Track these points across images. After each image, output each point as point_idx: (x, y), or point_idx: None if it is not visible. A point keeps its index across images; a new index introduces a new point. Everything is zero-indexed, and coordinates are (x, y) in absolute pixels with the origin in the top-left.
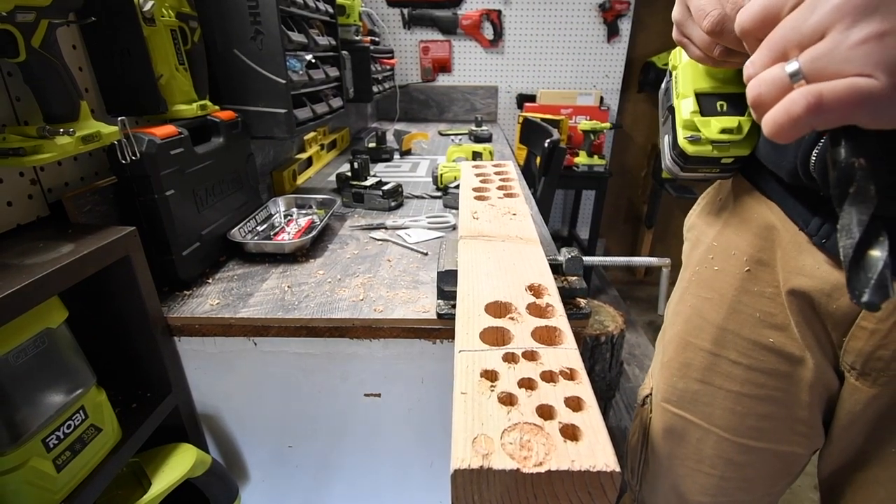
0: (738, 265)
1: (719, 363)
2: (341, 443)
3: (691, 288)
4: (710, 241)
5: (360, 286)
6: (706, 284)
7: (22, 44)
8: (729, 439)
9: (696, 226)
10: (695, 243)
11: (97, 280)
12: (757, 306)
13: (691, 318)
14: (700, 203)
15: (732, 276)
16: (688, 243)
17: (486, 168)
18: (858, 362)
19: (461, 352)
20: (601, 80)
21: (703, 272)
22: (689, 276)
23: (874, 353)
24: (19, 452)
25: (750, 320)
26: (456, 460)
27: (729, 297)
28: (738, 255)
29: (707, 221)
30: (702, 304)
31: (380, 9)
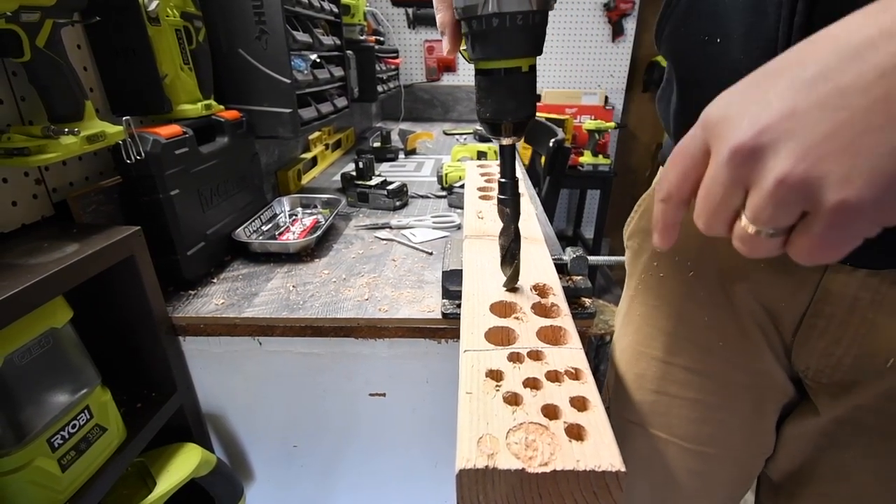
0: (682, 270)
1: (672, 371)
2: (346, 442)
3: (638, 297)
4: (653, 247)
5: (365, 286)
6: (653, 292)
7: (27, 43)
8: (689, 448)
9: (637, 233)
10: (637, 251)
11: (102, 280)
12: (704, 312)
13: (641, 327)
14: (638, 210)
15: (678, 282)
16: (629, 251)
17: (490, 168)
18: (812, 360)
19: (466, 351)
20: (606, 79)
21: (649, 280)
22: (636, 284)
23: (826, 349)
24: (24, 452)
25: (699, 326)
26: (461, 460)
27: (676, 304)
28: (680, 260)
29: (648, 228)
30: (650, 313)
31: (385, 8)
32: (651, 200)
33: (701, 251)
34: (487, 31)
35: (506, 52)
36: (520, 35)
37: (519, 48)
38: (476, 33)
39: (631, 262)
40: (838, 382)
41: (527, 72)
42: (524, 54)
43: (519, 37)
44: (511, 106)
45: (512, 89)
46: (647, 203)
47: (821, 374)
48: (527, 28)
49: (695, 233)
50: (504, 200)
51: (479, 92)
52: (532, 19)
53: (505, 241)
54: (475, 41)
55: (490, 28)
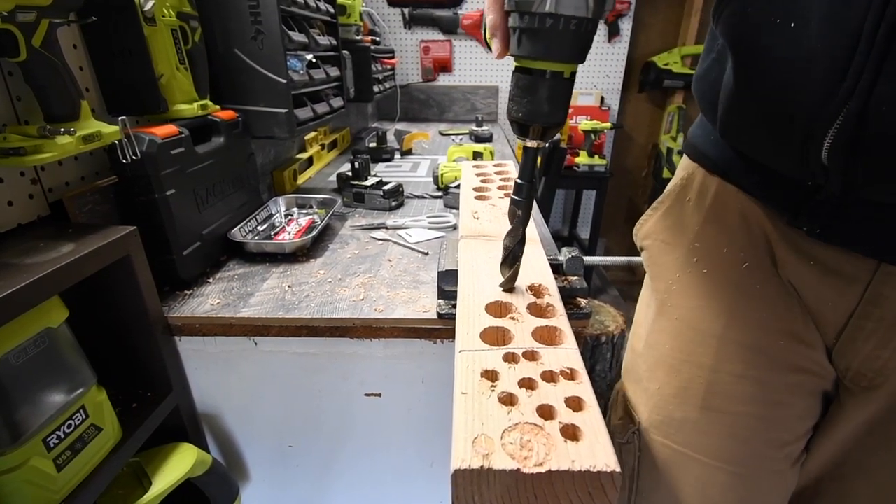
0: (734, 262)
1: (720, 381)
2: (342, 442)
3: (672, 299)
4: (690, 242)
5: (360, 286)
6: (694, 292)
7: (23, 43)
8: (737, 473)
9: (659, 231)
10: (664, 249)
11: (98, 279)
12: (762, 307)
13: (682, 332)
14: (658, 209)
15: (728, 276)
16: (650, 251)
17: (486, 168)
18: (855, 363)
19: (462, 352)
20: (602, 80)
21: (687, 278)
22: (666, 286)
23: (872, 352)
24: (20, 452)
25: (755, 325)
26: (456, 460)
27: (727, 302)
28: (730, 250)
29: (677, 224)
30: (692, 315)
31: (380, 9)
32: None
33: (751, 241)
34: (539, 29)
35: (553, 54)
36: (570, 39)
37: (566, 53)
38: (526, 29)
39: (657, 262)
40: (878, 386)
41: (568, 78)
42: (571, 59)
43: (569, 41)
44: (545, 109)
45: (551, 93)
46: (671, 200)
47: (861, 377)
48: (578, 34)
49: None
50: (518, 202)
51: (516, 90)
52: (585, 26)
53: (510, 243)
54: (523, 36)
55: (542, 27)
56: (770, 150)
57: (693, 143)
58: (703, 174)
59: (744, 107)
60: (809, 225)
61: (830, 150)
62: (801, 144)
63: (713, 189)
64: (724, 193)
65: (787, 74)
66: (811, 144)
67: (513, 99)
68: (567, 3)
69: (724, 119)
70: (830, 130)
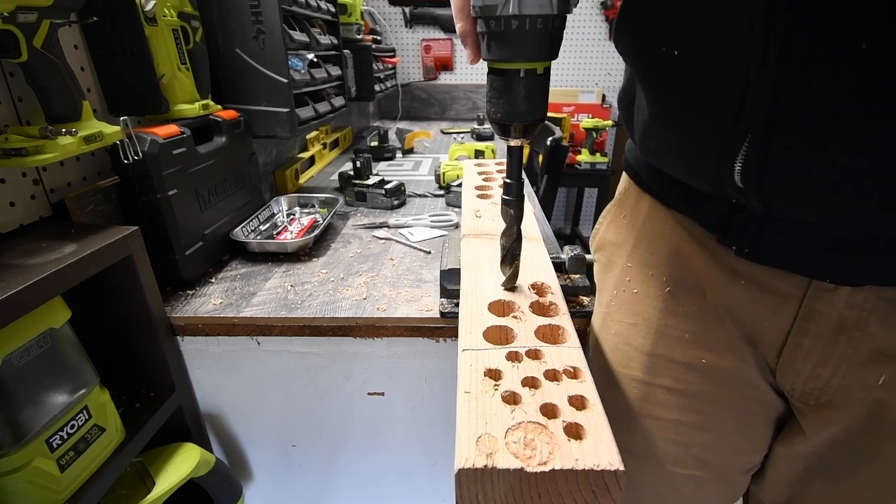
0: (658, 286)
1: (654, 392)
2: (345, 442)
3: (612, 314)
4: (624, 262)
5: (363, 285)
6: (627, 309)
7: (24, 44)
8: (675, 472)
9: (605, 245)
10: (607, 265)
11: (100, 280)
12: (685, 327)
13: (618, 346)
14: (603, 221)
15: (654, 297)
16: (598, 264)
17: (488, 166)
18: (798, 382)
19: (465, 350)
20: (603, 77)
21: (622, 296)
22: (608, 300)
23: (813, 371)
24: (23, 453)
25: (680, 343)
26: (460, 459)
27: (654, 321)
28: (655, 275)
29: (616, 241)
30: (627, 331)
31: (381, 7)
32: (616, 210)
33: (675, 266)
34: (506, 32)
35: (522, 55)
36: (538, 38)
37: (536, 51)
38: (493, 33)
39: (601, 276)
40: (826, 404)
41: (541, 74)
42: (540, 57)
43: (537, 40)
44: (523, 107)
45: (525, 91)
46: (612, 213)
47: (808, 396)
48: (545, 31)
49: (668, 249)
50: (508, 201)
51: (492, 92)
52: (552, 23)
53: (506, 242)
54: (491, 41)
55: (508, 29)
56: (688, 174)
57: (627, 159)
58: (637, 191)
59: (657, 132)
60: (738, 244)
61: (742, 173)
62: (713, 168)
63: (645, 208)
64: (654, 213)
65: (689, 103)
66: (723, 168)
67: (490, 101)
68: (530, 2)
69: (641, 143)
70: (739, 155)
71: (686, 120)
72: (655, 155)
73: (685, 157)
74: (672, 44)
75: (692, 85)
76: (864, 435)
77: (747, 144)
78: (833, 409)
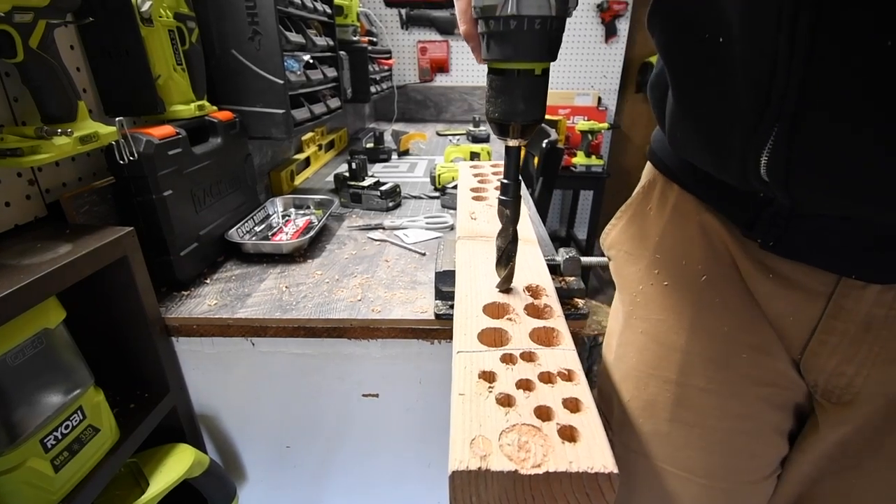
0: (693, 275)
1: (688, 394)
2: (339, 443)
3: (637, 311)
4: (651, 253)
5: (357, 286)
6: (656, 304)
7: (20, 44)
8: (710, 486)
9: (623, 241)
10: (627, 259)
11: (95, 280)
12: (723, 320)
13: (647, 345)
14: (622, 217)
15: (687, 289)
16: (616, 261)
17: (483, 168)
18: (821, 378)
19: (459, 353)
20: (599, 80)
21: (650, 290)
22: (631, 297)
23: (837, 368)
24: (17, 453)
25: (717, 338)
26: (454, 461)
27: (688, 315)
28: (689, 263)
29: (639, 233)
30: (656, 329)
31: (378, 9)
32: (640, 203)
33: (710, 253)
34: (504, 32)
35: (520, 54)
36: (536, 38)
37: (534, 51)
38: (493, 33)
39: (621, 272)
40: (848, 402)
41: (539, 75)
42: (539, 58)
43: (535, 40)
44: (521, 107)
45: (524, 91)
46: (633, 209)
47: (830, 393)
48: (544, 32)
49: (700, 236)
50: (505, 202)
51: (490, 91)
52: (550, 25)
53: (502, 243)
54: (491, 40)
55: (507, 29)
56: (715, 166)
57: (653, 150)
58: (663, 182)
59: (684, 123)
60: (763, 237)
61: (768, 167)
62: (740, 161)
63: (673, 198)
64: (683, 203)
65: (716, 94)
66: (749, 161)
67: (489, 100)
68: (529, 3)
69: (670, 132)
70: (765, 149)
71: (714, 112)
72: (683, 146)
73: (712, 150)
74: (703, 31)
75: (721, 76)
76: (876, 433)
77: (773, 139)
78: (854, 407)
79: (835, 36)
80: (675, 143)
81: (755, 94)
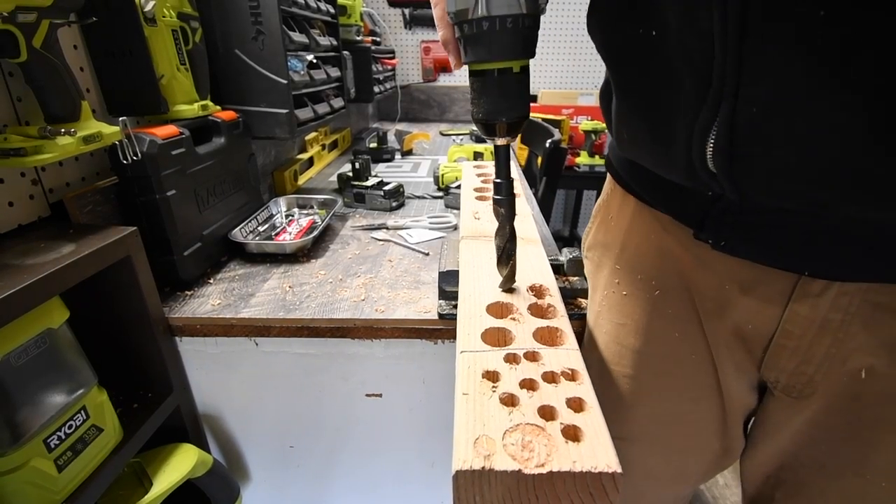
0: (647, 289)
1: (645, 383)
2: (343, 443)
3: (603, 313)
4: (613, 264)
5: (361, 286)
6: (617, 310)
7: (23, 44)
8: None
9: (595, 246)
10: (598, 265)
11: (98, 280)
12: (675, 328)
13: (609, 344)
14: (594, 222)
15: (643, 300)
16: (590, 263)
17: (487, 168)
18: (782, 377)
19: (463, 352)
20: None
21: (612, 297)
22: (600, 299)
23: (797, 368)
24: (21, 453)
25: (670, 341)
26: (458, 461)
27: (644, 323)
28: (643, 278)
29: (604, 242)
30: (617, 331)
31: (381, 9)
32: (603, 212)
33: (663, 270)
34: (478, 34)
35: (496, 54)
36: (509, 37)
37: (509, 50)
38: (468, 37)
39: (592, 276)
40: (809, 395)
41: (518, 73)
42: (514, 56)
43: (509, 39)
44: (503, 106)
45: (504, 90)
46: (601, 214)
47: (791, 388)
48: (516, 30)
49: (654, 252)
50: (499, 200)
51: (473, 93)
52: (522, 22)
53: (501, 241)
54: (467, 44)
55: (481, 31)
56: (662, 162)
57: (609, 160)
58: (621, 193)
59: (629, 121)
60: (714, 237)
61: (714, 156)
62: (685, 153)
63: (630, 209)
64: (639, 214)
65: (658, 84)
66: (695, 152)
67: (472, 102)
68: (499, 3)
69: (617, 133)
70: (710, 136)
71: (657, 103)
72: (630, 145)
73: (658, 144)
74: (639, 24)
75: (661, 66)
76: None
77: (716, 126)
78: (814, 398)
79: (767, 11)
80: (623, 143)
81: (696, 79)
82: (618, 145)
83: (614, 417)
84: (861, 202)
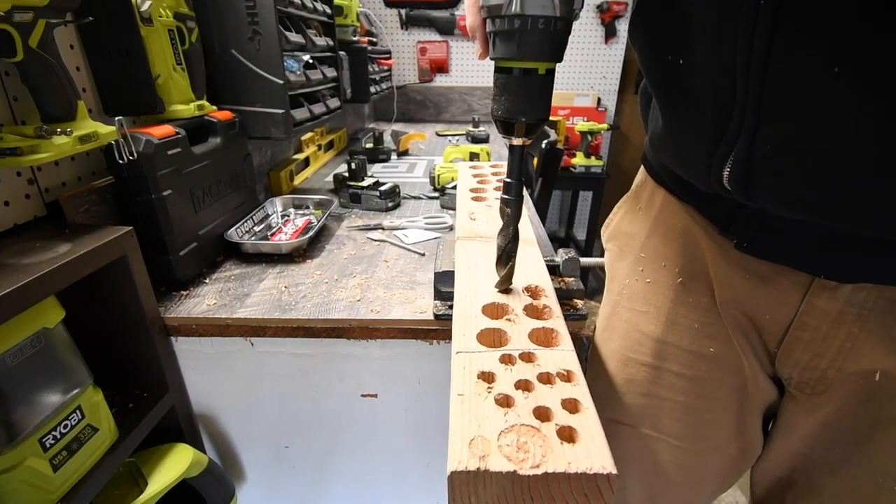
0: (671, 276)
1: (663, 375)
2: (338, 443)
3: (623, 301)
4: (637, 252)
5: (357, 287)
6: (639, 297)
7: (19, 43)
8: (679, 445)
9: (618, 235)
10: (619, 254)
11: (94, 280)
12: (694, 317)
13: (629, 332)
14: (618, 212)
15: (666, 287)
16: (610, 254)
17: (483, 169)
18: (795, 372)
19: (458, 353)
20: (598, 81)
21: (635, 285)
22: (619, 288)
23: (810, 362)
24: (16, 452)
25: (689, 331)
26: (453, 462)
27: (665, 310)
28: (668, 266)
29: (630, 231)
30: (638, 319)
31: (377, 9)
32: (632, 202)
33: (687, 257)
34: (509, 30)
35: (524, 54)
36: (539, 38)
37: (537, 51)
38: (498, 32)
39: (612, 265)
40: (821, 393)
41: (543, 75)
42: (541, 58)
43: (538, 39)
44: (525, 106)
45: (527, 90)
46: (627, 205)
47: (804, 385)
48: (547, 32)
49: (680, 239)
50: (507, 200)
51: (496, 89)
52: (554, 25)
53: (503, 242)
54: (497, 39)
55: (512, 28)
56: (686, 173)
57: (645, 152)
58: (652, 184)
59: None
60: (738, 238)
61: (730, 179)
62: (706, 170)
63: (659, 200)
64: (668, 205)
65: (684, 106)
66: (713, 176)
67: (494, 99)
68: (533, 3)
69: (651, 137)
70: (727, 163)
71: (683, 123)
72: (660, 151)
73: (682, 157)
74: (672, 52)
75: (686, 93)
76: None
77: (734, 154)
78: (827, 395)
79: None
80: (655, 147)
81: (717, 112)
82: (651, 147)
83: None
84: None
